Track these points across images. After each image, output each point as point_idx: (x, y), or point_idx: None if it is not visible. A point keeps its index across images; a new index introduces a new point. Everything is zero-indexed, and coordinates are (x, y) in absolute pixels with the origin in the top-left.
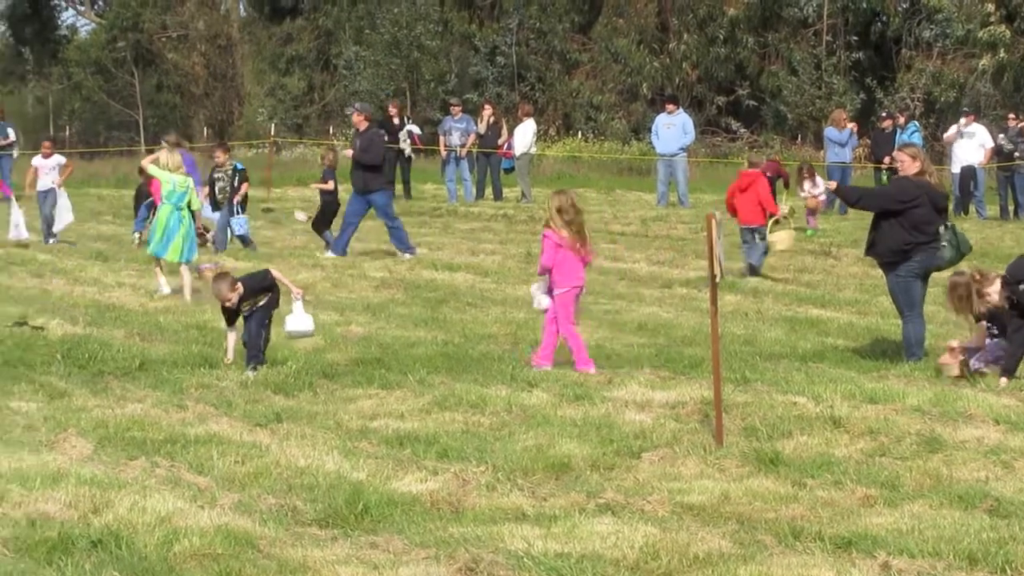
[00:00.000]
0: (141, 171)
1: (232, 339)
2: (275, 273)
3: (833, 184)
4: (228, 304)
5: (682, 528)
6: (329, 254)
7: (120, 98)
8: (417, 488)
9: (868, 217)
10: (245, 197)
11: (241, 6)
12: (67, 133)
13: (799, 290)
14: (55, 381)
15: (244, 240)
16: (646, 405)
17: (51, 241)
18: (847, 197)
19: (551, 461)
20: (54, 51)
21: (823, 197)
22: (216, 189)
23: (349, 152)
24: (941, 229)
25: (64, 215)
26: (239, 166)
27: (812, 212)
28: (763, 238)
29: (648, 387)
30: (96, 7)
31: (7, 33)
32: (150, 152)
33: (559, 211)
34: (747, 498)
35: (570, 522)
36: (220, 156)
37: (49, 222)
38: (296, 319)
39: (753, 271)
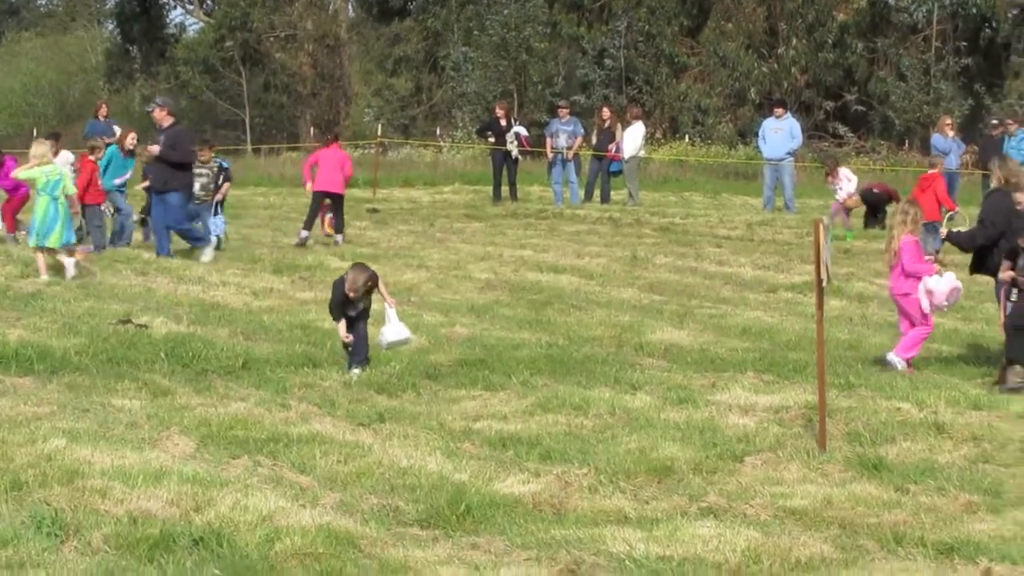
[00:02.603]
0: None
1: (345, 328)
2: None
3: (943, 231)
4: (354, 296)
5: (784, 532)
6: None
7: (227, 97)
8: (519, 490)
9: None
10: (224, 197)
11: (349, 6)
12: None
13: None
14: (158, 379)
15: (216, 242)
16: (749, 409)
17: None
18: (960, 244)
19: (653, 464)
20: (162, 50)
21: (855, 194)
22: (198, 185)
23: (156, 148)
24: None
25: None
26: (225, 164)
27: (847, 212)
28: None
29: (752, 391)
30: (205, 6)
31: (116, 32)
32: (256, 152)
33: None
34: (849, 503)
35: (672, 525)
36: (204, 153)
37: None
38: (393, 329)
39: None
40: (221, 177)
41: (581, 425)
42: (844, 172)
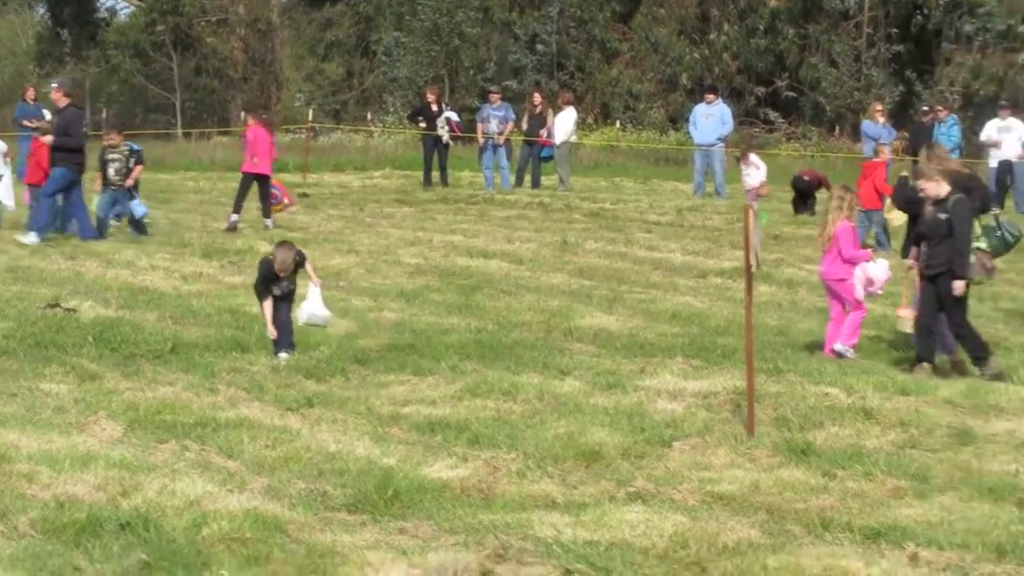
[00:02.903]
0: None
1: (270, 312)
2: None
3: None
4: (284, 274)
5: (712, 517)
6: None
7: (158, 81)
8: (447, 474)
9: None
10: (136, 181)
11: None
12: (104, 116)
13: None
14: (86, 363)
15: (139, 226)
16: (678, 394)
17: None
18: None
19: (582, 449)
20: (93, 34)
21: (766, 182)
22: (112, 171)
23: (49, 139)
24: (990, 221)
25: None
26: (135, 147)
27: (756, 197)
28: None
29: (680, 376)
30: None
31: (46, 15)
32: (187, 136)
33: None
34: (777, 488)
35: (600, 510)
36: (114, 138)
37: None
38: (314, 304)
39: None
40: (132, 160)
41: (510, 410)
42: (754, 159)
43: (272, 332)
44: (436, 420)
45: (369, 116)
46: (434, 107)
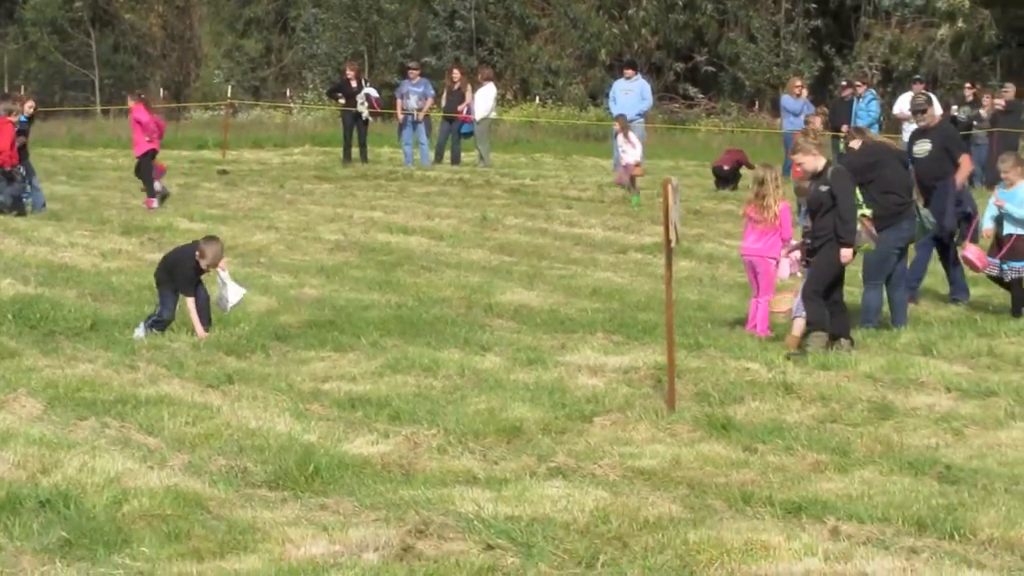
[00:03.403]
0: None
1: (196, 314)
2: None
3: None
4: (211, 269)
5: (633, 492)
6: None
7: (76, 58)
8: (368, 450)
9: None
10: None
11: None
12: (22, 93)
13: None
14: (5, 341)
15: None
16: (599, 370)
17: None
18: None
19: (503, 425)
20: (10, 11)
21: (642, 162)
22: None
23: None
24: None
25: None
26: (23, 118)
27: (632, 179)
28: None
29: (601, 352)
30: None
31: None
32: (106, 113)
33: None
34: (698, 463)
35: (521, 485)
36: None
37: None
38: (232, 290)
39: None
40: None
41: (430, 386)
42: (633, 136)
43: (201, 333)
44: (357, 396)
45: (288, 93)
46: (353, 83)
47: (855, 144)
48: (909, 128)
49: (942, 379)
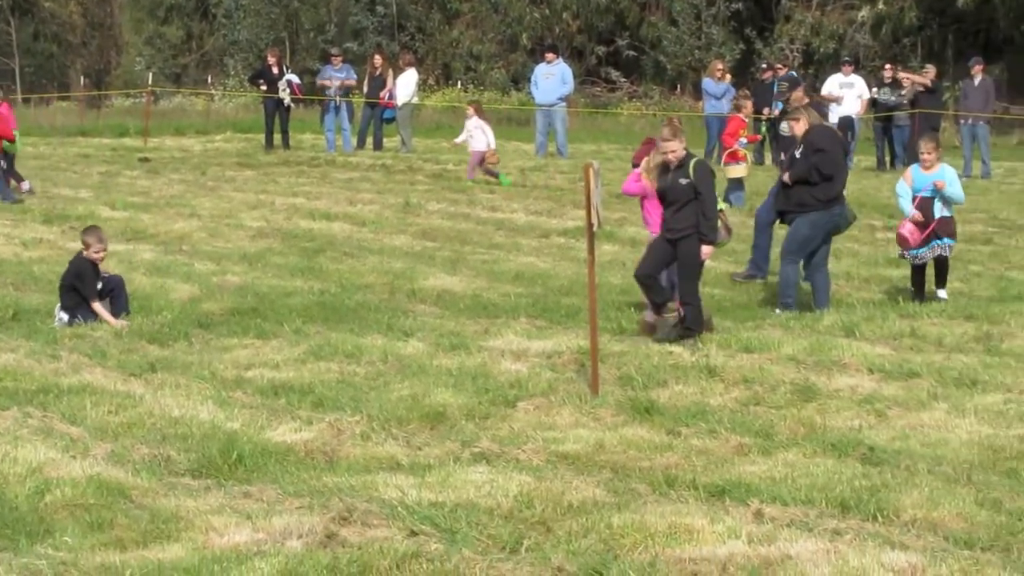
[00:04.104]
0: None
1: (106, 310)
2: None
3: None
4: (102, 257)
5: (557, 477)
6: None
7: None
8: (291, 438)
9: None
10: None
11: None
12: None
13: None
14: None
15: None
16: (522, 355)
17: None
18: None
19: (426, 411)
20: None
21: (494, 149)
22: None
23: None
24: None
25: None
26: None
27: (481, 162)
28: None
29: (524, 337)
30: None
31: None
32: (27, 102)
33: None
34: (622, 447)
35: (444, 471)
36: None
37: None
38: None
39: None
40: None
41: (354, 372)
42: (483, 123)
43: (115, 323)
44: (280, 383)
45: (210, 79)
46: (275, 70)
47: (800, 124)
48: (835, 108)
49: (865, 361)
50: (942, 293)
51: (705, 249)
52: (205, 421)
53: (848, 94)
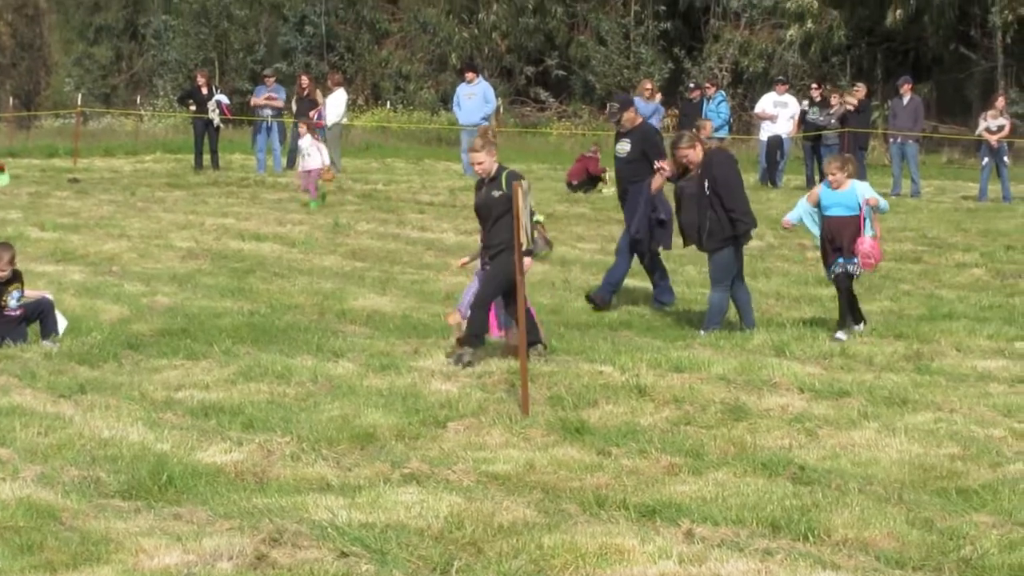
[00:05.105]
0: None
1: None
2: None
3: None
4: (2, 275)
5: (487, 497)
6: None
7: None
8: (221, 459)
9: None
10: None
11: None
12: None
13: (607, 259)
14: None
15: None
16: (452, 375)
17: None
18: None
19: (356, 431)
20: None
21: (331, 166)
22: None
23: None
24: None
25: None
26: None
27: (315, 184)
28: None
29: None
30: None
31: None
32: None
33: None
34: (552, 467)
35: (375, 492)
36: None
37: None
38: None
39: None
40: None
41: (283, 393)
42: (318, 141)
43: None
44: (210, 404)
45: (139, 100)
46: (204, 90)
47: (695, 152)
48: (767, 127)
49: (795, 380)
50: (840, 335)
51: (527, 260)
52: (135, 442)
53: (782, 113)
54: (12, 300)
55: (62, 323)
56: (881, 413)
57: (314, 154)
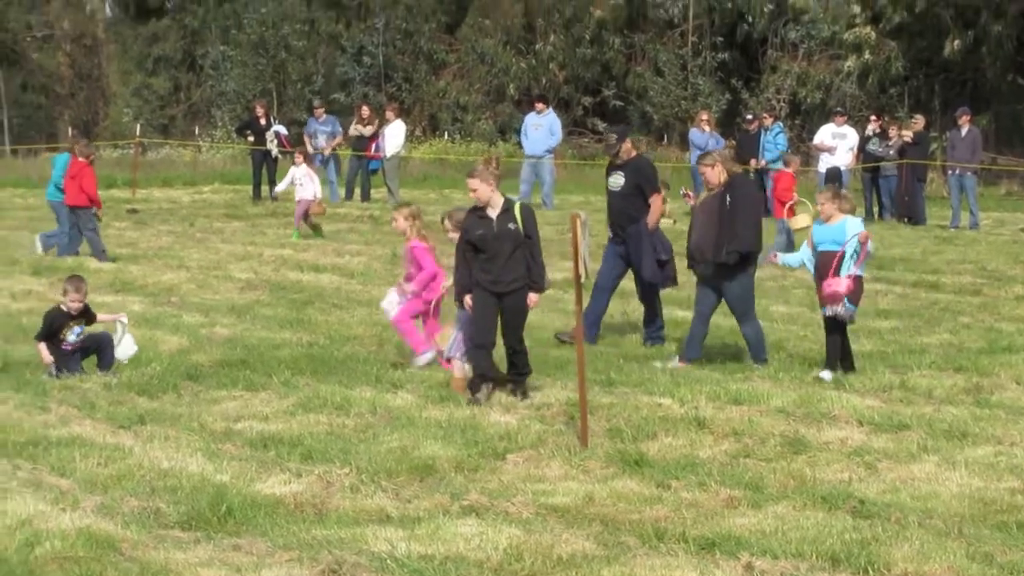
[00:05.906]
0: None
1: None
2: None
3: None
4: (77, 308)
5: (546, 530)
6: None
7: None
8: (281, 490)
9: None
10: None
11: (107, 6)
12: None
13: (665, 291)
14: None
15: None
16: (511, 407)
17: None
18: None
19: (415, 463)
20: None
21: (320, 199)
22: None
23: None
24: None
25: None
26: None
27: (307, 213)
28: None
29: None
30: None
31: None
32: (15, 153)
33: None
34: (611, 499)
35: (434, 524)
36: None
37: None
38: (125, 345)
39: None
40: None
41: (343, 424)
42: (309, 171)
43: (48, 358)
44: (269, 435)
45: (197, 130)
46: (262, 121)
47: (716, 171)
48: (825, 159)
49: (854, 413)
50: (825, 374)
51: (533, 297)
52: (194, 473)
53: (840, 145)
54: (72, 335)
55: (133, 348)
56: (941, 446)
57: (307, 184)
